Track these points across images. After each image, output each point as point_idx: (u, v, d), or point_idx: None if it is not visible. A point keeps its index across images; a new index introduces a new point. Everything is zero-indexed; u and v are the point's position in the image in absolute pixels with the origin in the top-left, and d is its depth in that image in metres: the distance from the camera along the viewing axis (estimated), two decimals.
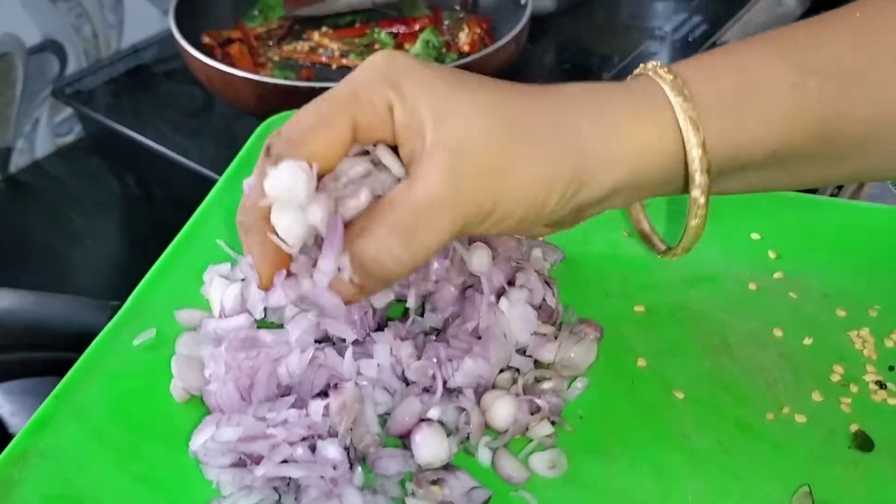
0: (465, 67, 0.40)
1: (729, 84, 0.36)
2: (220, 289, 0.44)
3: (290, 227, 0.33)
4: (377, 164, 0.35)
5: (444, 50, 0.80)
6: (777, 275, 0.48)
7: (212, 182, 0.74)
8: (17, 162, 0.90)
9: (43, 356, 0.49)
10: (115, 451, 0.40)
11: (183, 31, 0.74)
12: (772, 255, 0.49)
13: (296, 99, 0.57)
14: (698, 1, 1.00)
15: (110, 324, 0.44)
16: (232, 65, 0.76)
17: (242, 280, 0.44)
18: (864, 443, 0.39)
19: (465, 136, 0.33)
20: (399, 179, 0.34)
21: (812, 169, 0.39)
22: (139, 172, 0.88)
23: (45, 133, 0.91)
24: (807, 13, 1.05)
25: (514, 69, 0.79)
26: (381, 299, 0.41)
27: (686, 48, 0.92)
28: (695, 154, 0.35)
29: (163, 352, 0.43)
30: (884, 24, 0.37)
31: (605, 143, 0.35)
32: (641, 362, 0.44)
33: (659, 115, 0.35)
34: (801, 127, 0.36)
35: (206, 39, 0.79)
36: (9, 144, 0.89)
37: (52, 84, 0.90)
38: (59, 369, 0.43)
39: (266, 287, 0.36)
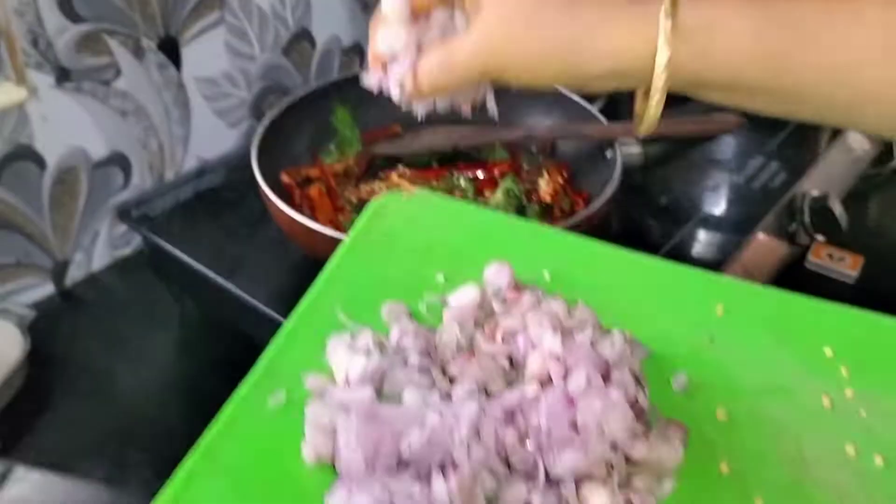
0: None
1: (705, 16, 0.44)
2: (344, 358, 0.48)
3: (385, 37, 0.50)
4: (452, 18, 0.51)
5: (524, 200, 0.78)
6: (848, 391, 0.48)
7: (269, 319, 0.73)
8: (74, 275, 0.88)
9: None
10: None
11: (262, 166, 0.72)
12: (843, 371, 0.49)
13: None
14: (775, 146, 0.99)
15: (244, 386, 0.47)
16: (312, 208, 0.74)
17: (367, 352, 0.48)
18: None
19: (499, 12, 0.47)
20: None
21: (773, 102, 0.47)
22: (196, 297, 0.86)
23: (103, 246, 0.89)
24: (880, 156, 1.03)
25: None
26: (422, 108, 0.53)
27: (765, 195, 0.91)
28: (659, 72, 0.44)
29: (292, 414, 0.46)
30: None
31: (599, 39, 0.45)
32: (724, 468, 0.44)
33: (649, 29, 0.44)
34: (756, 66, 0.44)
35: (286, 178, 0.77)
36: (67, 258, 0.86)
37: (114, 196, 0.89)
38: None
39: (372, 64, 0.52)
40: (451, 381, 0.48)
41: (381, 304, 0.52)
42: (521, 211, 0.77)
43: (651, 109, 0.46)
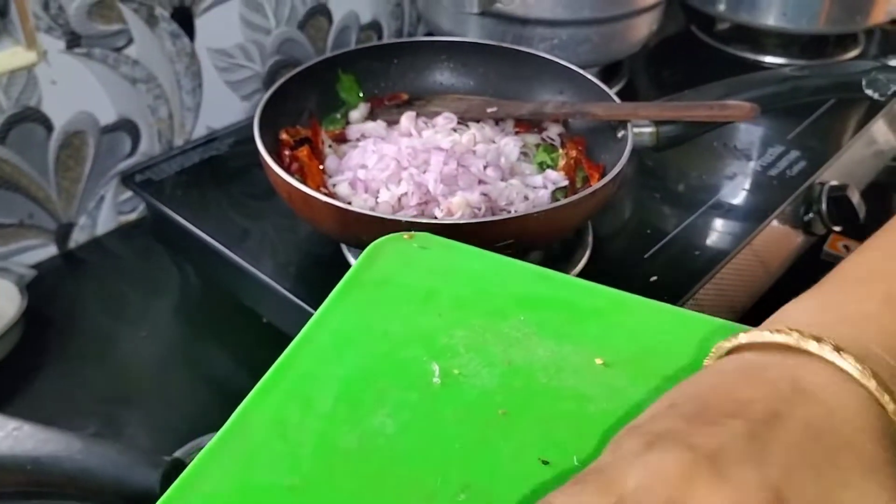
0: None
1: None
2: None
3: None
4: None
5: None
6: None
7: (273, 292, 0.72)
8: (78, 238, 0.88)
9: None
10: None
11: (264, 128, 0.71)
12: None
13: (382, 229, 0.54)
14: (795, 135, 0.96)
15: (213, 441, 0.42)
16: (301, 170, 0.73)
17: None
18: None
19: None
20: None
21: None
22: (198, 265, 0.85)
23: (108, 211, 0.89)
24: None
25: None
26: None
27: (782, 183, 0.89)
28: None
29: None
30: None
31: None
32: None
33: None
34: None
35: (284, 136, 0.77)
36: (71, 221, 0.87)
37: (121, 162, 0.89)
38: None
39: None
40: None
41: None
42: None
43: None
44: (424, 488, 0.40)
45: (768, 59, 1.16)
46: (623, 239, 0.82)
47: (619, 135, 0.76)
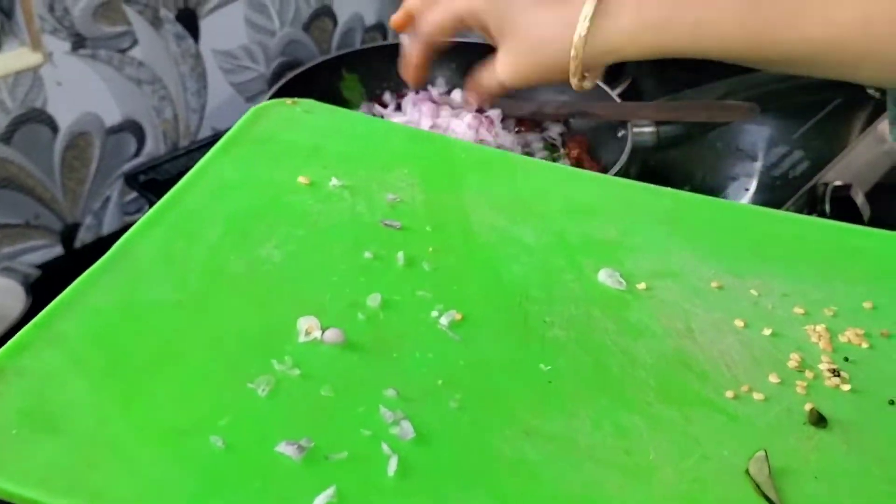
0: None
1: None
2: None
3: None
4: None
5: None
6: (739, 277, 0.49)
7: None
8: (83, 238, 0.89)
9: None
10: (91, 375, 0.39)
11: None
12: (734, 261, 0.50)
13: None
14: (800, 135, 0.96)
15: (95, 264, 0.46)
16: None
17: None
18: (818, 420, 0.41)
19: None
20: None
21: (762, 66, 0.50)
22: None
23: (113, 211, 0.90)
24: None
25: None
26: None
27: (785, 183, 0.88)
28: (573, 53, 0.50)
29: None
30: None
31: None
32: (608, 340, 0.45)
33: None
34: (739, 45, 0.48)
35: None
36: (77, 221, 0.87)
37: (126, 163, 0.89)
38: None
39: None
40: None
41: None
42: None
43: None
44: (314, 304, 0.43)
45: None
46: None
47: (620, 134, 0.76)
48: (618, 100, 0.79)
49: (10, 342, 0.40)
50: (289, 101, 0.58)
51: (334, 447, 0.37)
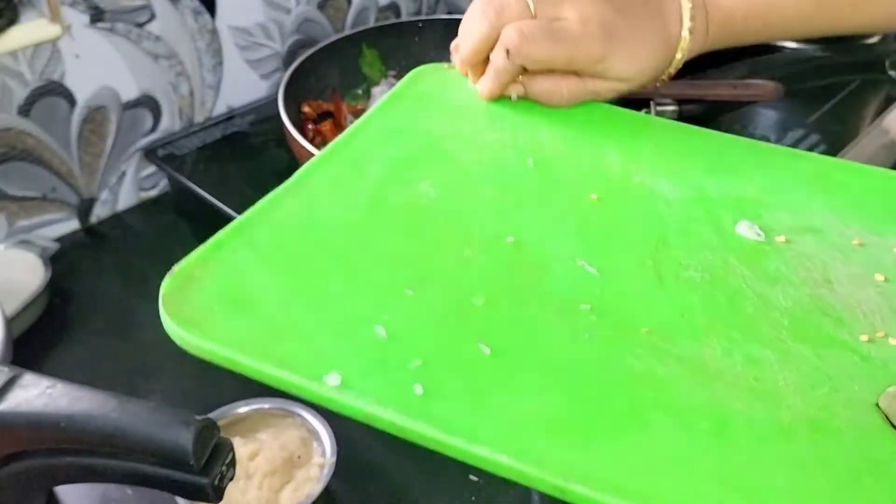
0: None
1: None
2: None
3: None
4: None
5: None
6: (881, 236, 0.50)
7: None
8: (99, 213, 0.88)
9: (118, 464, 0.46)
10: (276, 272, 0.45)
11: (287, 101, 0.71)
12: (875, 220, 0.51)
13: None
14: (815, 119, 0.96)
15: (277, 189, 0.50)
16: (325, 144, 0.73)
17: None
18: None
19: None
20: None
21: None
22: None
23: (129, 186, 0.90)
24: None
25: None
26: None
27: None
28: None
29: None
30: None
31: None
32: (743, 283, 0.46)
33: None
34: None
35: (306, 108, 0.77)
36: (93, 195, 0.87)
37: (142, 138, 0.89)
38: (134, 479, 0.42)
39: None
40: None
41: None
42: None
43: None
44: (462, 233, 0.48)
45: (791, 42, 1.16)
46: None
47: (643, 112, 0.76)
48: None
49: (209, 241, 0.46)
50: (445, 64, 0.64)
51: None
